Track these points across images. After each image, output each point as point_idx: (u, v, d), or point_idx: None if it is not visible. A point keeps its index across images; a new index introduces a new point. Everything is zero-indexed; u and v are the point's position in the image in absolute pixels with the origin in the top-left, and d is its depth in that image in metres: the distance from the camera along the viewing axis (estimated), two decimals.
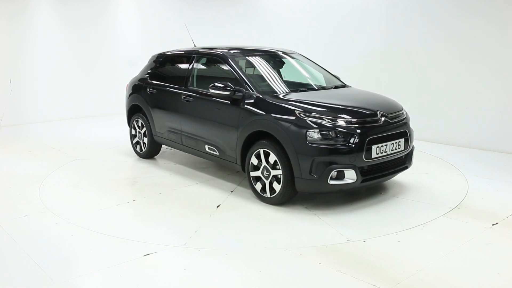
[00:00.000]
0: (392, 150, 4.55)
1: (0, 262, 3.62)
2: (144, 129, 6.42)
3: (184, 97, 5.63)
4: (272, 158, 4.53)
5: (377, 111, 4.58)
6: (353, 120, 4.39)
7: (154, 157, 6.63)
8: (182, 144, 5.81)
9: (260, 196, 4.76)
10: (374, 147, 4.36)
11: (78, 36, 10.13)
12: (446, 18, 7.33)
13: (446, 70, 7.41)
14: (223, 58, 5.38)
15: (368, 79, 8.53)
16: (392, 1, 8.07)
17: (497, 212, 4.43)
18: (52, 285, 3.20)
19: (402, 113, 4.93)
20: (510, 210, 4.48)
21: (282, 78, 5.43)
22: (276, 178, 4.56)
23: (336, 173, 4.27)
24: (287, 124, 4.40)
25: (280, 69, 5.70)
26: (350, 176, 4.31)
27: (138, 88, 6.52)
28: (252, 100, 4.79)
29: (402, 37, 7.96)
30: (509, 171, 5.88)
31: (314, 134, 4.28)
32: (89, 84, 10.33)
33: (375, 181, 4.60)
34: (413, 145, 5.00)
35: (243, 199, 4.88)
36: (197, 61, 5.83)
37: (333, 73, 5.93)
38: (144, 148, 6.50)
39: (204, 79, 5.65)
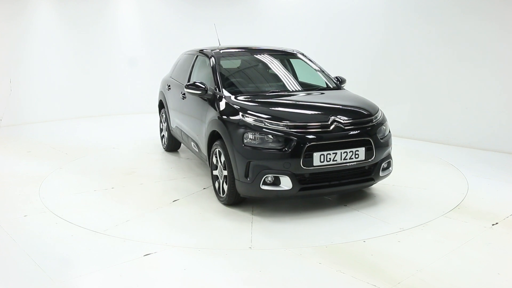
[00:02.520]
0: (344, 159, 4.21)
1: (0, 262, 3.62)
2: (166, 123, 6.80)
3: (181, 94, 5.88)
4: (223, 158, 4.54)
5: (330, 116, 4.32)
6: (293, 124, 4.21)
7: (178, 150, 7.01)
8: (183, 140, 6.08)
9: (217, 195, 4.81)
10: (316, 154, 4.10)
11: (78, 36, 10.13)
12: (446, 18, 7.33)
13: (446, 70, 7.41)
14: (209, 58, 5.52)
15: (368, 79, 8.54)
16: (393, 1, 8.07)
17: (497, 212, 4.43)
18: (52, 285, 3.20)
19: (370, 120, 4.50)
20: (510, 210, 4.48)
21: (264, 79, 5.48)
22: (225, 178, 4.55)
23: (273, 178, 4.14)
24: (231, 125, 4.38)
25: (269, 70, 5.71)
26: (285, 183, 4.13)
27: (163, 85, 7.00)
28: (218, 100, 4.85)
29: (402, 37, 7.96)
30: (509, 171, 5.88)
31: (250, 136, 4.21)
32: (89, 84, 10.32)
33: (321, 191, 4.34)
34: (384, 157, 4.54)
35: (206, 198, 4.91)
36: (196, 61, 6.01)
37: (328, 73, 5.71)
38: (166, 142, 6.91)
39: (198, 78, 5.75)
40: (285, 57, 5.87)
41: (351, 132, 4.31)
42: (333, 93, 5.23)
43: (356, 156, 4.27)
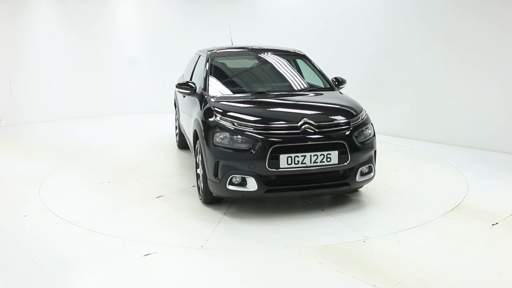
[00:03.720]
0: (314, 162, 4.11)
1: (0, 262, 3.63)
2: (177, 121, 7.02)
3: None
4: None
5: (302, 118, 4.24)
6: (262, 126, 4.17)
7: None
8: (185, 137, 6.18)
9: (198, 193, 4.87)
10: (283, 156, 4.04)
11: (78, 36, 10.13)
12: (446, 18, 7.33)
13: (446, 70, 7.41)
14: (205, 58, 5.61)
15: (368, 79, 8.54)
16: (393, 1, 8.07)
17: (497, 212, 4.43)
18: (52, 285, 3.20)
19: (346, 122, 4.36)
20: (510, 210, 4.48)
21: (254, 79, 5.50)
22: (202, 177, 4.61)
23: (240, 179, 4.13)
24: (205, 125, 4.43)
25: (262, 70, 5.72)
26: (251, 184, 4.12)
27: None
28: (203, 100, 4.90)
29: (402, 37, 7.96)
30: (509, 171, 5.88)
31: (220, 136, 4.24)
32: (89, 84, 10.33)
33: (289, 194, 4.29)
34: (364, 162, 4.39)
35: (189, 195, 4.95)
36: (199, 60, 6.10)
37: (324, 74, 5.56)
38: (178, 139, 7.09)
39: (196, 77, 5.83)
40: (284, 57, 5.84)
41: (322, 135, 4.19)
42: (320, 95, 5.11)
43: (328, 159, 4.14)
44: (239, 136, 4.15)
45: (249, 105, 4.72)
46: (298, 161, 4.07)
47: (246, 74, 5.70)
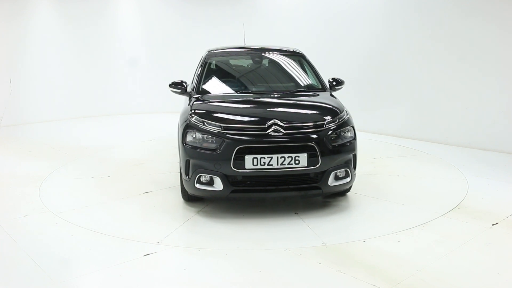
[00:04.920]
0: (281, 164, 4.04)
1: (0, 262, 3.62)
2: None
3: None
4: None
5: (271, 119, 4.16)
6: (229, 126, 4.18)
7: None
8: None
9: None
10: (248, 157, 4.01)
11: (78, 36, 10.14)
12: (446, 18, 7.33)
13: (446, 70, 7.41)
14: (203, 57, 5.68)
15: (368, 79, 8.54)
16: (393, 1, 8.07)
17: (497, 212, 4.43)
18: (52, 285, 3.20)
19: (320, 125, 4.24)
20: (510, 210, 4.48)
21: (244, 80, 5.50)
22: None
23: (209, 178, 4.16)
24: (182, 124, 4.50)
25: (255, 70, 5.71)
26: (217, 184, 4.13)
27: None
28: (190, 100, 4.98)
29: (402, 37, 7.96)
30: (509, 171, 5.88)
31: (191, 135, 4.30)
32: (89, 84, 10.34)
33: (255, 195, 4.30)
34: (339, 166, 4.24)
35: (176, 192, 4.97)
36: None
37: (319, 75, 5.46)
38: None
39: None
40: (282, 57, 5.79)
41: (290, 137, 4.11)
42: (307, 96, 5.00)
43: (297, 162, 4.06)
44: (208, 136, 4.19)
45: (226, 105, 4.75)
46: (264, 163, 4.03)
47: (239, 74, 5.70)
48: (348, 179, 4.38)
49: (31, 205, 4.77)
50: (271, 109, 4.64)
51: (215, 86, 5.30)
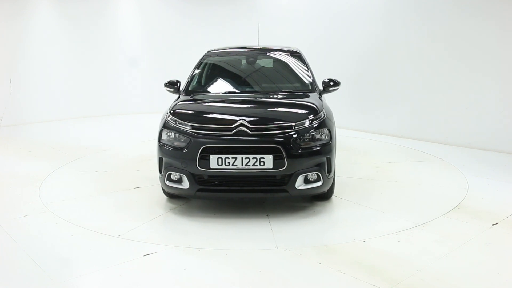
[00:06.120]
0: (246, 165, 4.03)
1: (0, 262, 3.62)
2: None
3: None
4: None
5: (238, 120, 4.17)
6: (197, 126, 4.23)
7: None
8: None
9: None
10: (213, 157, 4.04)
11: (78, 36, 10.14)
12: (446, 18, 7.33)
13: (446, 70, 7.41)
14: (201, 57, 5.78)
15: (368, 79, 8.54)
16: (393, 1, 8.07)
17: (497, 212, 4.43)
18: (52, 285, 3.20)
19: (288, 126, 4.17)
20: (510, 210, 4.48)
21: (234, 80, 5.53)
22: None
23: (179, 176, 4.24)
24: (161, 122, 4.60)
25: (247, 71, 5.73)
26: (184, 182, 4.22)
27: None
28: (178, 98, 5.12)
29: (402, 37, 7.96)
30: (509, 171, 5.88)
31: (165, 134, 4.41)
32: (89, 84, 10.34)
33: (220, 195, 4.32)
34: (308, 169, 4.14)
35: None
36: None
37: (312, 76, 5.37)
38: None
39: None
40: (279, 57, 5.78)
41: (255, 138, 4.09)
42: (289, 97, 4.90)
43: (262, 163, 4.03)
44: (179, 135, 4.29)
45: (202, 105, 4.88)
46: (228, 163, 4.05)
47: (229, 75, 5.72)
48: (320, 183, 4.24)
49: (31, 205, 4.77)
50: (243, 110, 4.62)
51: (203, 87, 5.42)
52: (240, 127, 4.14)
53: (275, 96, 5.01)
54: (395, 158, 6.56)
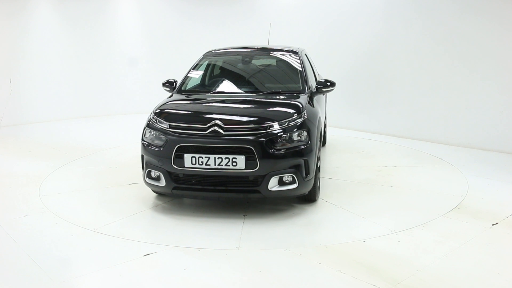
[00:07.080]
0: (219, 165, 4.06)
1: (0, 262, 3.62)
2: None
3: None
4: None
5: (212, 120, 4.21)
6: (174, 125, 4.32)
7: None
8: None
9: None
10: (187, 156, 4.11)
11: (78, 36, 10.13)
12: (446, 17, 7.33)
13: (446, 70, 7.41)
14: (200, 57, 5.86)
15: (368, 79, 8.54)
16: (393, 1, 8.07)
17: (497, 212, 4.43)
18: (52, 285, 3.20)
19: (262, 127, 4.16)
20: (510, 210, 4.48)
21: (230, 80, 5.56)
22: None
23: (158, 174, 4.34)
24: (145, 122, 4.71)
25: (241, 71, 5.74)
26: (161, 180, 4.34)
27: None
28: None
29: (402, 37, 7.96)
30: (509, 171, 5.88)
31: (147, 133, 4.52)
32: (89, 84, 10.33)
33: (194, 193, 4.37)
34: (283, 170, 4.11)
35: None
36: None
37: (305, 77, 5.27)
38: None
39: None
40: (276, 57, 5.77)
41: (228, 138, 4.11)
42: (274, 98, 4.87)
43: (234, 164, 4.05)
44: (158, 134, 4.38)
45: (183, 105, 4.98)
46: (202, 162, 4.11)
47: (224, 75, 5.76)
48: (295, 185, 4.18)
49: (31, 205, 4.77)
50: (220, 110, 4.67)
51: (195, 86, 5.50)
52: (214, 127, 4.19)
53: (259, 97, 4.93)
54: (394, 158, 6.55)
